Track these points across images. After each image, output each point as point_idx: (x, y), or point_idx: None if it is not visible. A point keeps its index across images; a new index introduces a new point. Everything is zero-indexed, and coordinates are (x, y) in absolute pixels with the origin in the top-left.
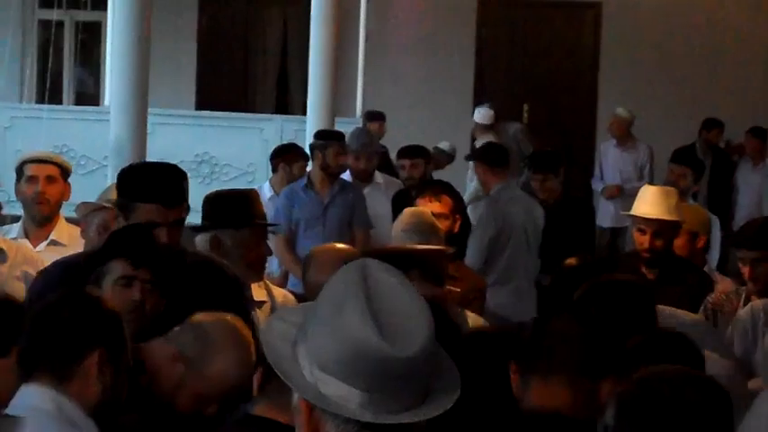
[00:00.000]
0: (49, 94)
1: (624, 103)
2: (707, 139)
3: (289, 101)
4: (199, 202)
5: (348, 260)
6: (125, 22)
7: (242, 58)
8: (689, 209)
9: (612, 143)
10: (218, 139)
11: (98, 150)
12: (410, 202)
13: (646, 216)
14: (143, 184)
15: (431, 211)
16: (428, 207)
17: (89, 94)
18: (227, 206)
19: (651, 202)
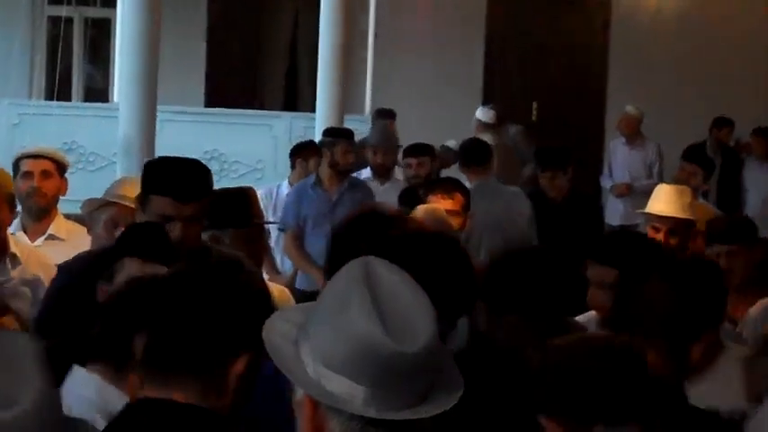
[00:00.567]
0: (58, 90)
1: (633, 101)
2: (717, 138)
3: (298, 98)
4: None
5: None
6: (134, 18)
7: (251, 54)
8: (699, 208)
9: (621, 141)
10: (227, 136)
11: (107, 147)
12: (417, 200)
13: (660, 214)
14: (158, 176)
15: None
16: (440, 204)
17: (98, 91)
18: (226, 205)
19: (666, 201)
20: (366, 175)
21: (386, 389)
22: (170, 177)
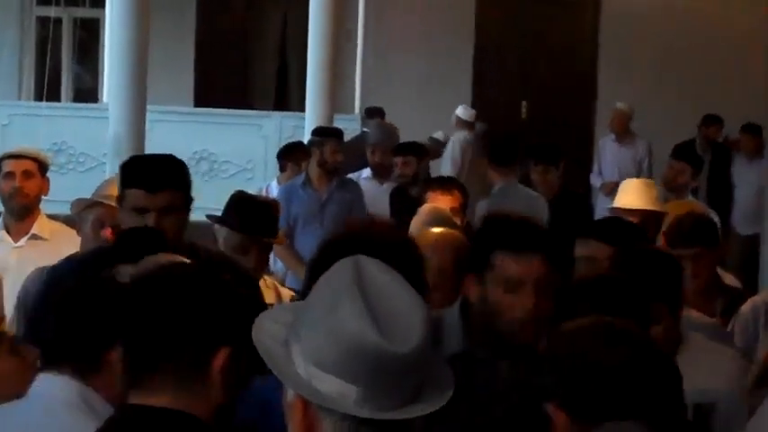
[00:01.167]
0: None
1: (623, 99)
2: (706, 135)
3: (288, 97)
4: (196, 198)
5: None
6: (123, 18)
7: (241, 54)
8: (683, 205)
9: (611, 138)
10: (216, 136)
11: (97, 147)
12: (408, 200)
13: (629, 207)
14: (130, 170)
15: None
16: (439, 201)
17: (87, 91)
18: (258, 214)
19: (633, 194)
20: (367, 174)
21: (378, 389)
22: (140, 170)
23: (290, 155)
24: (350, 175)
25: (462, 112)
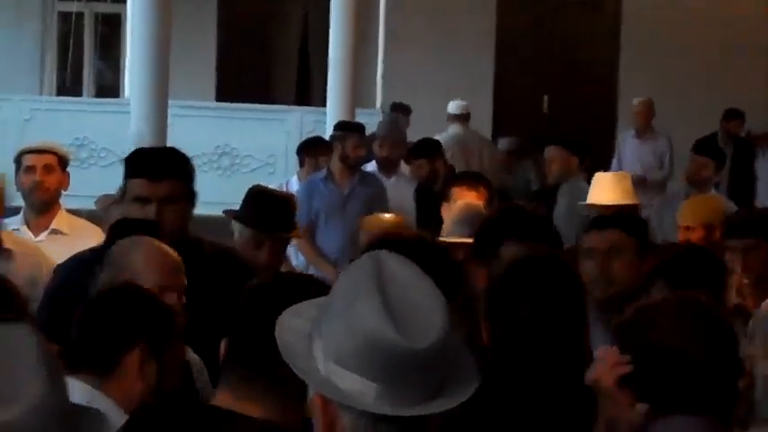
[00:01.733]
0: (69, 86)
1: (644, 93)
2: (727, 130)
3: (309, 92)
4: (218, 193)
5: None
6: (145, 13)
7: (262, 49)
8: (702, 200)
9: (631, 134)
10: (238, 131)
11: (118, 143)
12: (432, 198)
13: (604, 203)
14: (132, 162)
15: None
16: (465, 196)
17: (109, 87)
18: (276, 209)
19: (607, 189)
20: (371, 168)
21: (397, 385)
22: (143, 160)
23: (310, 150)
24: None
25: (452, 106)
